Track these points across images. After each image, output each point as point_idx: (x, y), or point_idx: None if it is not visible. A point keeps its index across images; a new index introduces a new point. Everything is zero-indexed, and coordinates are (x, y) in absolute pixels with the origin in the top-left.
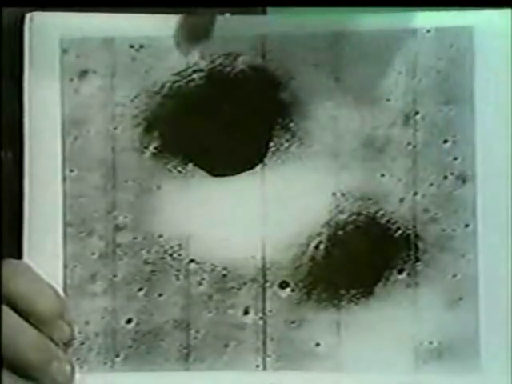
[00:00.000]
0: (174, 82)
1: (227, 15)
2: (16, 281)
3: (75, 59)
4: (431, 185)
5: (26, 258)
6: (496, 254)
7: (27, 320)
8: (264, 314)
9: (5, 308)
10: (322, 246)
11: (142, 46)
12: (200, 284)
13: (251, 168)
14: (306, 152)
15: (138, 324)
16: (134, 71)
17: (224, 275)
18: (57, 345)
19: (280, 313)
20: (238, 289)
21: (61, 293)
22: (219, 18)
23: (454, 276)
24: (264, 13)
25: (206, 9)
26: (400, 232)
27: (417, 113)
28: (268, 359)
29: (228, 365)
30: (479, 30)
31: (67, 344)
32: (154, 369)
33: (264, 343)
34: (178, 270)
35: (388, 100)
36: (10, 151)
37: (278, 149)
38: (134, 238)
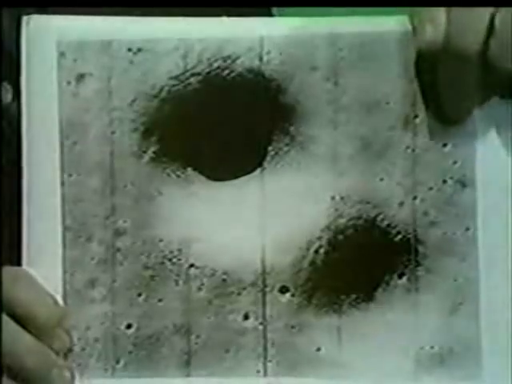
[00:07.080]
0: (172, 85)
1: (224, 17)
2: (15, 288)
3: (72, 63)
4: (431, 189)
5: (25, 264)
6: (496, 257)
7: (26, 327)
8: (264, 319)
9: (4, 315)
10: (321, 251)
11: (139, 50)
12: (200, 289)
13: (250, 172)
14: (305, 156)
15: (138, 329)
16: (131, 75)
17: (224, 280)
18: (56, 352)
19: (280, 318)
20: (238, 293)
21: (60, 301)
22: (216, 21)
23: (455, 280)
24: (267, 14)
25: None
26: (400, 236)
27: (416, 116)
28: (269, 364)
29: (229, 370)
30: None
31: (67, 351)
32: (155, 375)
33: (265, 348)
34: (178, 275)
35: (387, 103)
36: (8, 155)
37: (277, 153)
38: (134, 243)
